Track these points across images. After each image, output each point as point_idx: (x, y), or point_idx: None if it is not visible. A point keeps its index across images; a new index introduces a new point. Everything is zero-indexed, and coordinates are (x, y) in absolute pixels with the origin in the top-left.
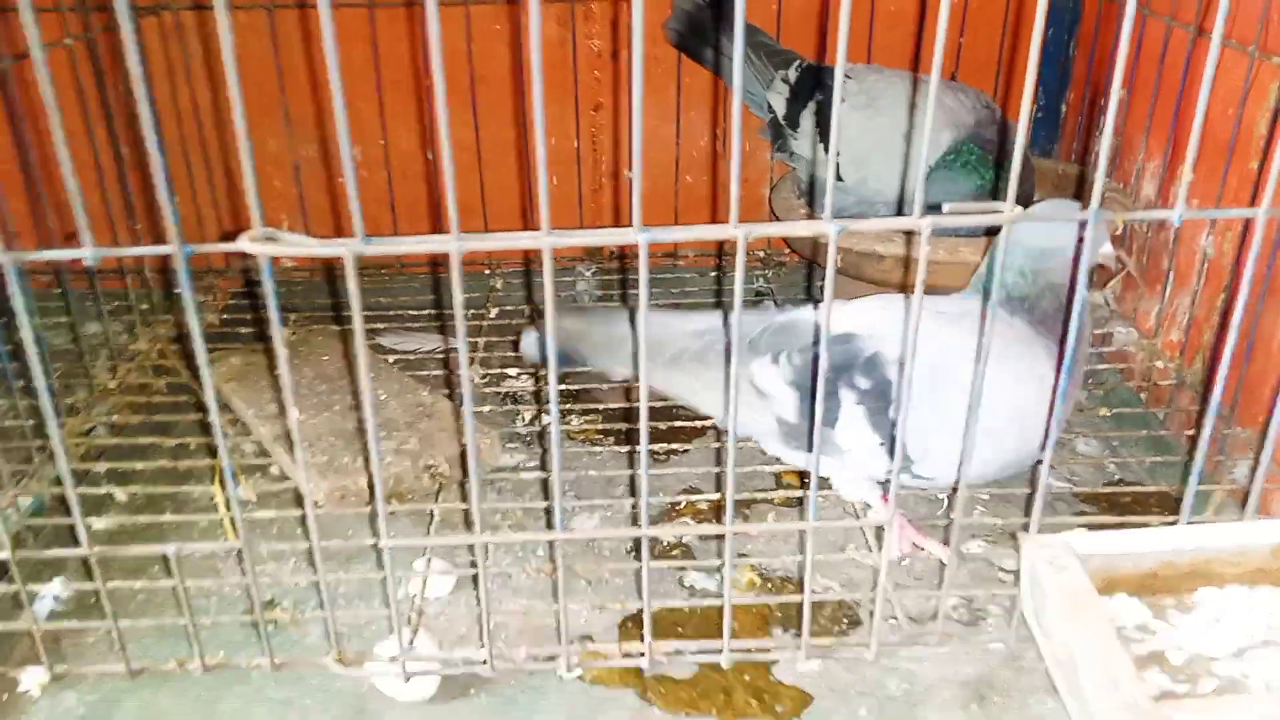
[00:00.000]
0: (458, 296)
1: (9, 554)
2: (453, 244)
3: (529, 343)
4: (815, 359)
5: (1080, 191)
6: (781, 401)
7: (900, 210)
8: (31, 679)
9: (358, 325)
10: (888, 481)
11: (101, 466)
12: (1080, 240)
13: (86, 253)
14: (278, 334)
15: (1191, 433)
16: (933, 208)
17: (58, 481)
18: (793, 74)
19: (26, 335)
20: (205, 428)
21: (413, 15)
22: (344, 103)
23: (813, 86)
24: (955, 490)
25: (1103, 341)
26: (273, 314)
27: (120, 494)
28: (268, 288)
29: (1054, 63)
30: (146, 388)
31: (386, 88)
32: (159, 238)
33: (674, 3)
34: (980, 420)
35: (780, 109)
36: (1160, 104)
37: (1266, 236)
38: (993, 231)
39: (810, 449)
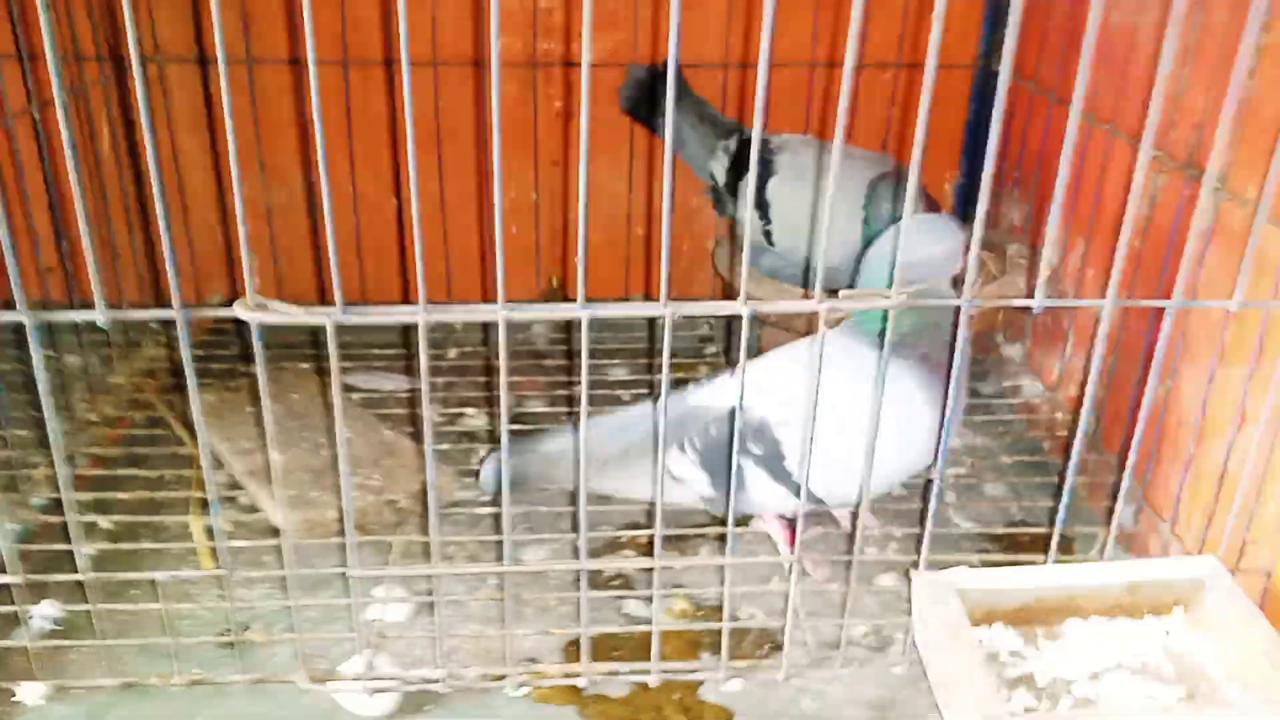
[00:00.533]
0: (424, 362)
1: (16, 578)
2: (420, 315)
3: (488, 473)
4: (712, 438)
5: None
6: (696, 482)
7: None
8: (28, 692)
9: (336, 387)
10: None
11: (85, 495)
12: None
13: (99, 316)
14: (264, 391)
15: (1086, 480)
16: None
17: (42, 510)
18: (733, 144)
19: (40, 374)
20: (180, 460)
21: (385, 74)
22: (328, 187)
23: (748, 158)
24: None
25: (1011, 393)
26: (260, 373)
27: (104, 522)
28: (257, 349)
29: (977, 136)
30: (123, 420)
31: (356, 137)
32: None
33: (627, 71)
34: (848, 444)
35: (720, 178)
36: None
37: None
38: None
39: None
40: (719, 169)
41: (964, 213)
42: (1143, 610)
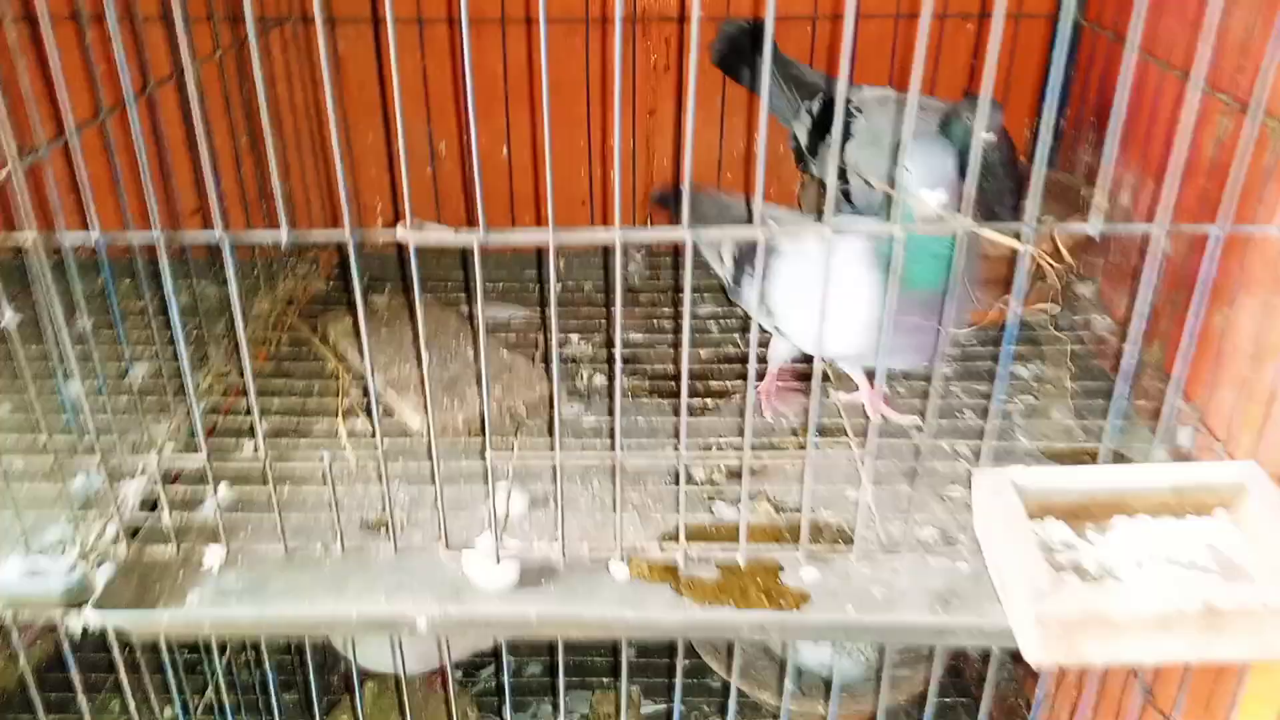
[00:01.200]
0: (552, 274)
1: (204, 459)
2: (550, 236)
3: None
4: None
5: (1074, 199)
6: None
7: None
8: (212, 555)
9: (480, 301)
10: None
11: (243, 402)
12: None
13: (283, 236)
14: (420, 310)
15: (1148, 404)
16: None
17: (206, 412)
18: (815, 105)
19: (232, 286)
20: (322, 375)
21: (497, 31)
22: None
23: (831, 120)
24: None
25: (1082, 326)
26: (415, 287)
27: (262, 425)
28: (413, 266)
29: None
30: (268, 341)
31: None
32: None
33: (719, 28)
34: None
35: (803, 139)
36: (1136, 125)
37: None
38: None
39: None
40: (801, 130)
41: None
42: (1187, 510)
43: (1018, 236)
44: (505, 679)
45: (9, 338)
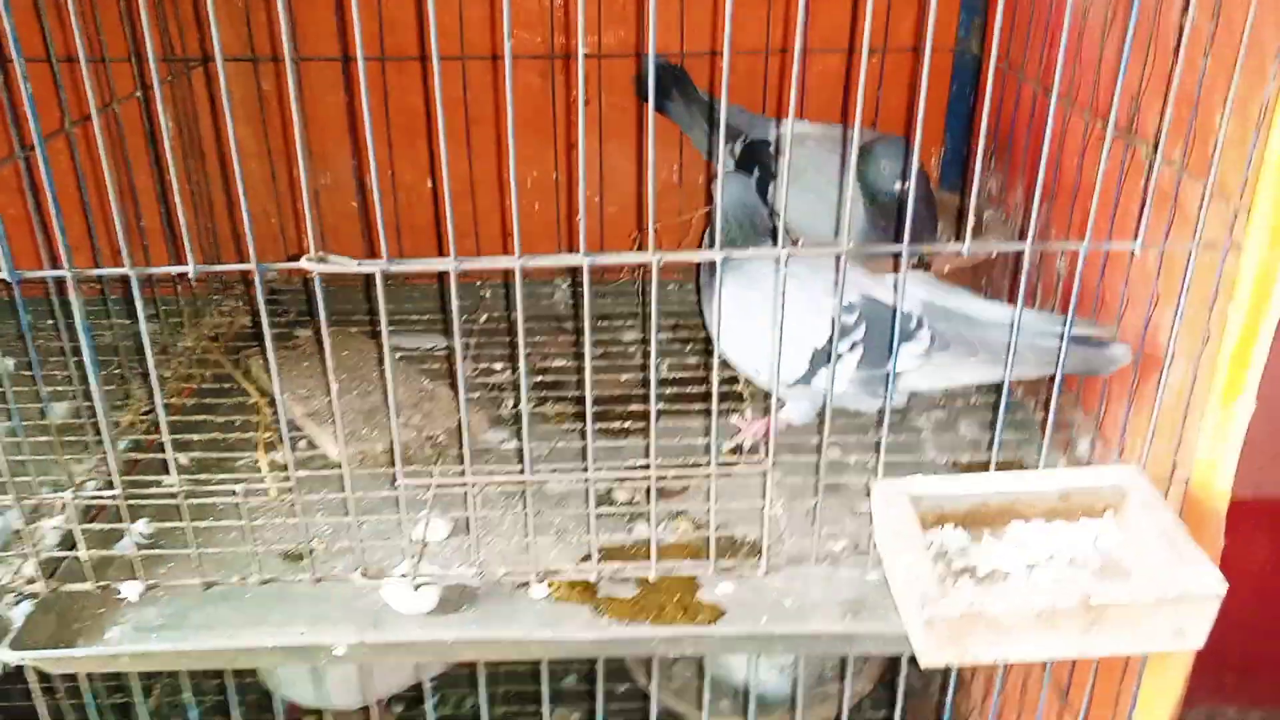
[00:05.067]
0: (454, 306)
1: (118, 493)
2: (451, 265)
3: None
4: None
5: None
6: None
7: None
8: (129, 590)
9: (384, 326)
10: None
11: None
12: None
13: (191, 269)
14: (326, 334)
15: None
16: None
17: (126, 450)
18: (738, 148)
19: (142, 323)
20: (245, 409)
21: (418, 69)
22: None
23: (753, 163)
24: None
25: None
26: (321, 317)
27: (183, 458)
28: (318, 297)
29: (958, 113)
30: (193, 377)
31: (394, 128)
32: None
33: (641, 64)
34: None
35: None
36: (1031, 152)
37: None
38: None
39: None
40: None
41: (951, 182)
42: (1076, 514)
43: (896, 258)
44: (429, 710)
45: None
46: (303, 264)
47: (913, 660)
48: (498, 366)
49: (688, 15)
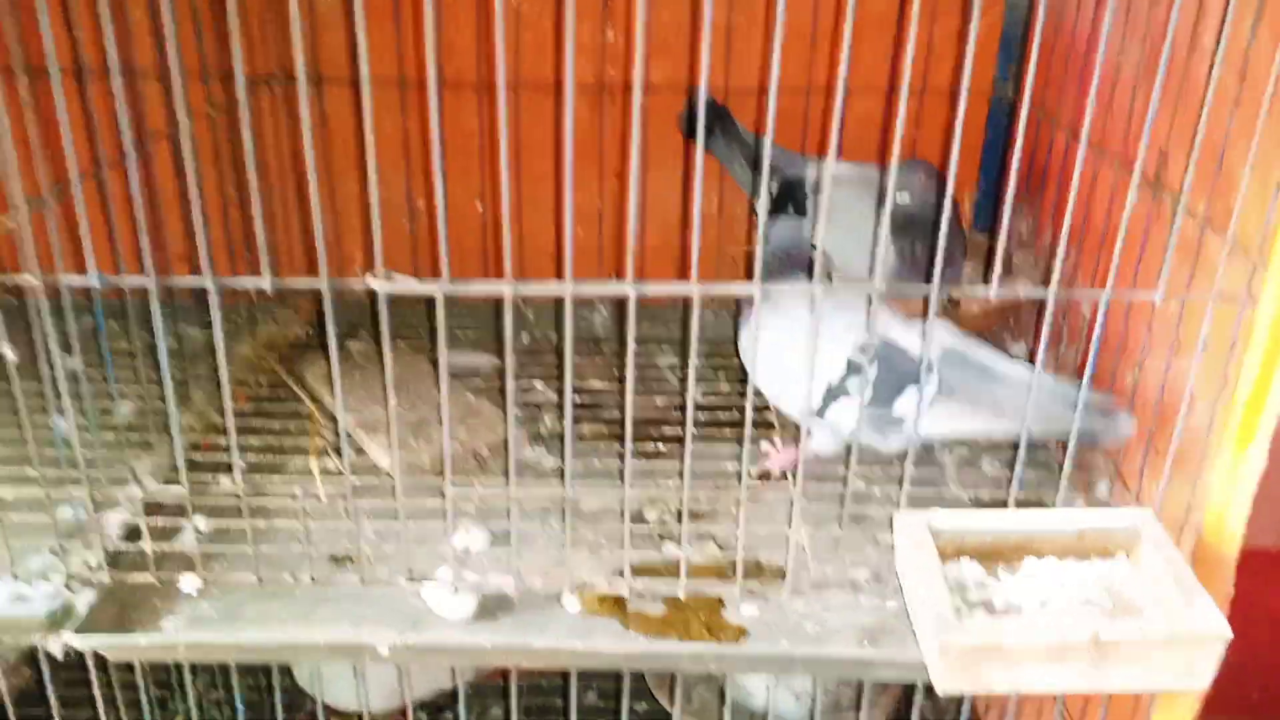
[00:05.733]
0: (508, 327)
1: (184, 489)
2: (507, 289)
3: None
4: None
5: (1005, 261)
6: None
7: None
8: (187, 583)
9: (442, 347)
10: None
11: (223, 439)
12: None
13: (265, 282)
14: (388, 350)
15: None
16: None
17: (187, 448)
18: (774, 186)
19: (217, 332)
20: (299, 416)
21: (474, 95)
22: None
23: (787, 200)
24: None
25: None
26: (384, 333)
27: (240, 460)
28: (382, 313)
29: (992, 155)
30: (247, 383)
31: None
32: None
33: (686, 100)
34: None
35: (764, 217)
36: (1063, 197)
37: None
38: None
39: None
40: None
41: (984, 224)
42: (1090, 553)
43: (926, 299)
44: (462, 715)
45: (8, 374)
46: (369, 282)
47: (928, 690)
48: (538, 385)
49: (727, 52)
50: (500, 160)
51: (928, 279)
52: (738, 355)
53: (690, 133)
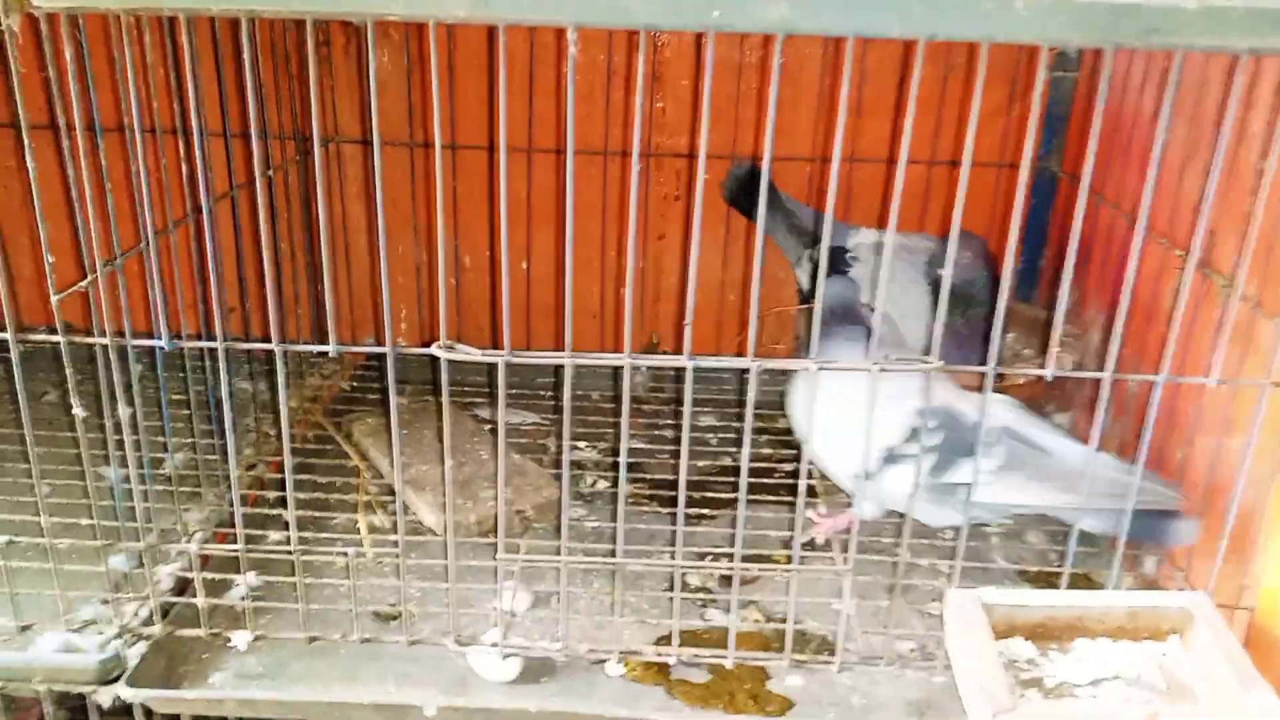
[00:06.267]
0: (567, 395)
1: (240, 547)
2: (567, 359)
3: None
4: None
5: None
6: None
7: None
8: (239, 639)
9: (501, 414)
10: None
11: (269, 494)
12: None
13: (332, 347)
14: (447, 414)
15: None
16: None
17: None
18: (817, 254)
19: (281, 386)
20: (345, 470)
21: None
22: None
23: (830, 269)
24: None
25: None
26: (445, 398)
27: (285, 515)
28: (444, 380)
29: (1035, 226)
30: (293, 436)
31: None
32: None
33: (729, 170)
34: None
35: (805, 284)
36: (1106, 271)
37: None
38: None
39: None
40: (804, 276)
41: (1025, 294)
42: (1142, 635)
43: (981, 377)
44: None
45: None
46: (433, 350)
47: None
48: (580, 445)
49: (759, 119)
50: (566, 226)
51: (973, 350)
52: (782, 415)
53: (731, 199)
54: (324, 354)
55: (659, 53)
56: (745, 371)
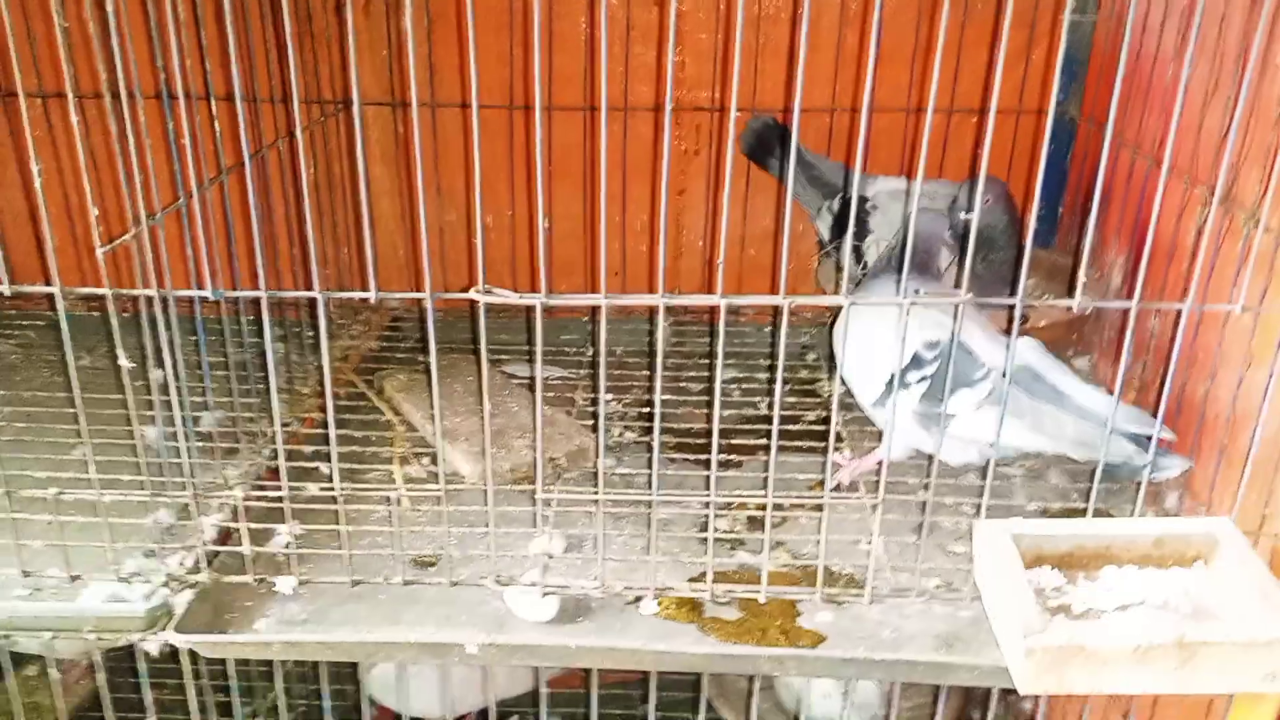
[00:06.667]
0: (603, 338)
1: (285, 495)
2: (603, 300)
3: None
4: None
5: (1069, 277)
6: None
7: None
8: (283, 584)
9: (538, 355)
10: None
11: (306, 447)
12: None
13: (372, 293)
14: (485, 362)
15: None
16: None
17: (270, 456)
18: (835, 204)
19: (323, 340)
20: (377, 425)
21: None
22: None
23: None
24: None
25: None
26: (482, 346)
27: (324, 468)
28: (482, 323)
29: (1054, 171)
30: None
31: (518, 170)
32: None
33: (748, 123)
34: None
35: (825, 234)
36: (1127, 213)
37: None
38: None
39: None
40: (823, 226)
41: (1045, 240)
42: (1168, 561)
43: (1011, 310)
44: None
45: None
46: (471, 294)
47: (1000, 694)
48: (607, 397)
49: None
50: (600, 177)
51: (995, 295)
52: (804, 366)
53: (751, 152)
54: (352, 315)
55: (678, 5)
56: (771, 321)
